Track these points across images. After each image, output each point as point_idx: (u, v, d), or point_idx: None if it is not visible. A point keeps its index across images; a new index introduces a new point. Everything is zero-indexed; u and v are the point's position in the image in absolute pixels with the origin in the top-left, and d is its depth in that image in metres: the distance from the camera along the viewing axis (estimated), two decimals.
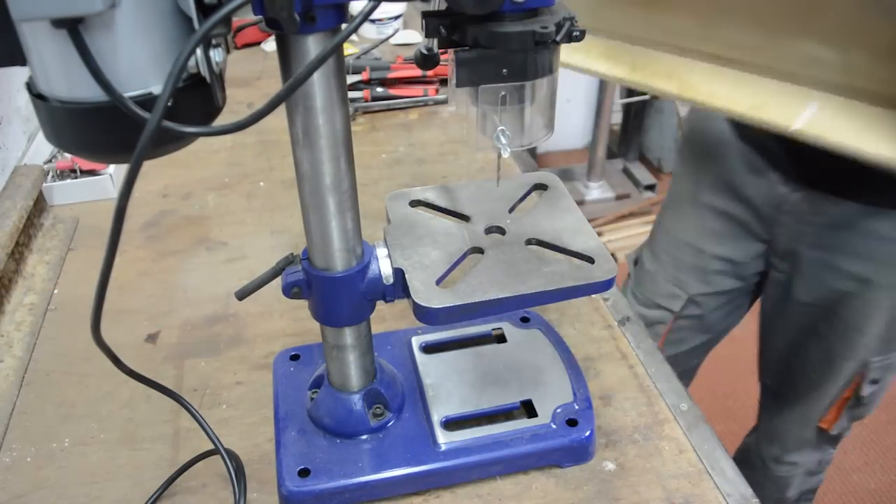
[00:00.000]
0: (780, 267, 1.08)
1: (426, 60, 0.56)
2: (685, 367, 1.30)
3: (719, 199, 1.08)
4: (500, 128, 0.56)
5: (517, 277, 0.60)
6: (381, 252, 0.62)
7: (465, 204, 0.71)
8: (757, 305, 1.23)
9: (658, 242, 1.23)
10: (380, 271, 0.61)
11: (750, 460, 1.29)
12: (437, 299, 0.58)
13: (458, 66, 0.51)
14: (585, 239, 0.65)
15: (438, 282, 0.60)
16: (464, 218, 0.69)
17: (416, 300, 0.58)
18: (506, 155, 0.57)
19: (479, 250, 0.65)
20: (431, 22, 0.52)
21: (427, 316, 0.58)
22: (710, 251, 1.12)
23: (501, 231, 0.67)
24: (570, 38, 0.51)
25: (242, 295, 0.63)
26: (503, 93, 0.55)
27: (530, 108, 0.57)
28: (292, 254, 0.62)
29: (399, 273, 0.61)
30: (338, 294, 0.60)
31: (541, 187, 0.73)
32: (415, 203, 0.71)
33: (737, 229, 1.10)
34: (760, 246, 1.10)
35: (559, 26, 0.50)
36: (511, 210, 0.70)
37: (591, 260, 0.62)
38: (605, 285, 0.61)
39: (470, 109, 0.58)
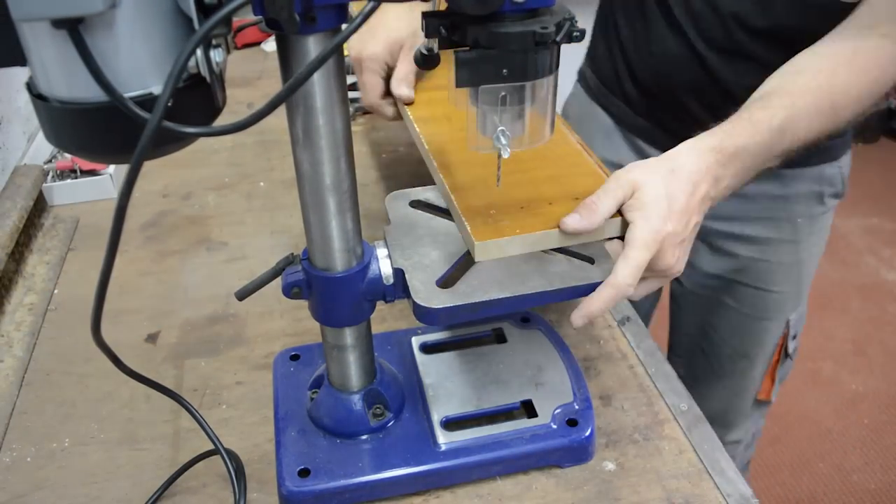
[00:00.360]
0: None
1: (426, 60, 0.55)
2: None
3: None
4: (500, 128, 0.56)
5: (517, 277, 0.60)
6: (382, 252, 0.62)
7: None
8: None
9: None
10: (380, 271, 0.61)
11: None
12: (437, 299, 0.58)
13: (459, 67, 0.51)
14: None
15: (438, 282, 0.60)
16: None
17: (416, 300, 0.58)
18: (505, 155, 0.57)
19: None
20: (431, 22, 0.52)
21: (427, 316, 0.58)
22: None
23: None
24: (570, 38, 0.51)
25: (242, 295, 0.63)
26: (503, 93, 0.55)
27: (531, 108, 0.57)
28: (292, 254, 0.62)
29: (399, 273, 0.61)
30: (338, 294, 0.60)
31: None
32: (415, 203, 0.71)
33: None
34: None
35: (559, 26, 0.50)
36: None
37: (591, 260, 0.63)
38: None
39: (470, 109, 0.58)
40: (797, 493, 1.85)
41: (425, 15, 0.52)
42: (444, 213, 0.71)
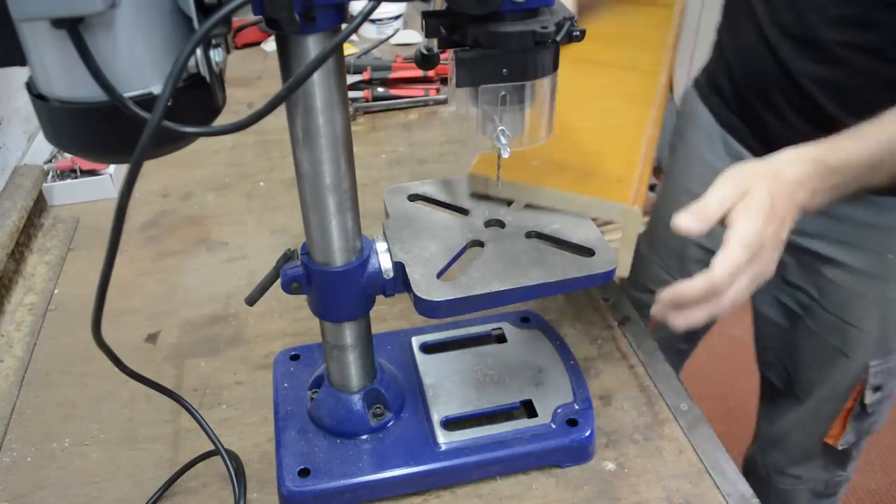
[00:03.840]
0: None
1: (426, 60, 0.56)
2: (673, 349, 1.29)
3: (704, 187, 1.11)
4: (500, 128, 0.56)
5: (518, 270, 0.61)
6: (381, 246, 0.62)
7: (464, 197, 0.71)
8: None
9: (653, 229, 1.26)
10: (379, 265, 0.61)
11: (756, 472, 1.25)
12: (437, 292, 0.58)
13: (458, 66, 0.51)
14: (586, 232, 0.66)
15: (439, 275, 0.60)
16: (462, 211, 0.70)
17: (416, 293, 0.58)
18: (505, 155, 0.57)
19: (479, 243, 0.65)
20: (431, 22, 0.52)
21: (429, 309, 0.58)
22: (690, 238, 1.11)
23: (501, 224, 0.67)
24: (569, 37, 0.51)
25: (252, 300, 0.63)
26: (503, 93, 0.55)
27: (530, 108, 0.57)
28: (290, 249, 0.62)
29: (399, 267, 0.61)
30: (338, 288, 0.60)
31: None
32: (413, 197, 0.71)
33: None
34: None
35: (559, 26, 0.50)
36: (510, 203, 0.70)
37: (591, 252, 0.63)
38: (606, 277, 0.61)
39: (470, 109, 0.58)
40: None
41: (425, 14, 0.52)
42: (443, 206, 0.71)
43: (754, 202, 0.61)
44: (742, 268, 0.59)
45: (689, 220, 0.60)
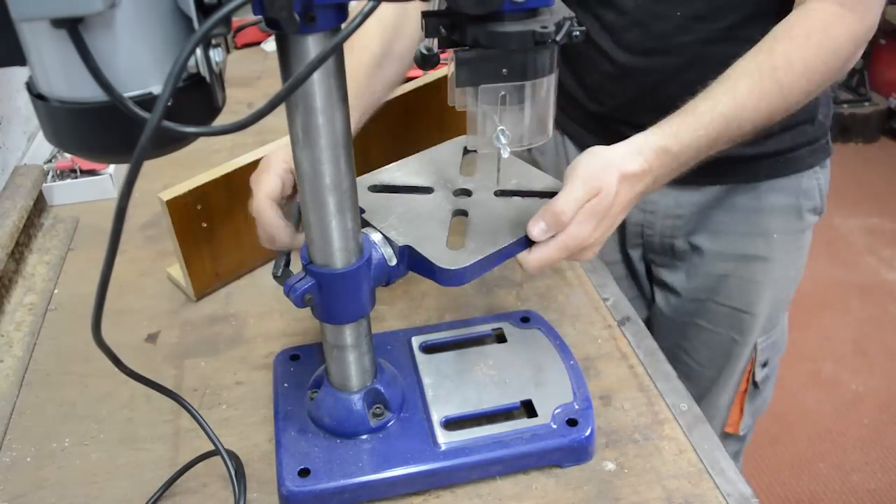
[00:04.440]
0: (659, 262, 1.08)
1: (426, 60, 0.56)
2: None
3: None
4: (499, 128, 0.57)
5: (511, 222, 0.65)
6: (376, 237, 0.63)
7: (417, 177, 0.73)
8: None
9: None
10: (383, 255, 0.62)
11: None
12: (458, 261, 0.60)
13: (458, 66, 0.52)
14: (541, 179, 0.72)
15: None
16: (426, 190, 0.71)
17: (440, 266, 0.60)
18: (505, 155, 0.57)
19: (463, 212, 0.68)
20: (431, 22, 0.52)
21: (455, 277, 0.60)
22: (604, 258, 1.08)
23: (468, 193, 0.71)
24: (569, 37, 0.51)
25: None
26: (503, 93, 0.55)
27: (530, 108, 0.57)
28: (287, 264, 0.62)
29: (405, 250, 0.62)
30: (352, 287, 0.60)
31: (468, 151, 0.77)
32: (374, 188, 0.72)
33: (612, 240, 1.09)
34: (637, 251, 1.09)
35: (559, 26, 0.50)
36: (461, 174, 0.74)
37: (556, 194, 0.64)
38: None
39: (470, 109, 0.58)
40: (797, 493, 1.85)
41: (425, 14, 0.52)
42: (406, 190, 0.72)
43: (597, 209, 0.63)
44: (553, 263, 0.64)
45: (543, 231, 0.62)
